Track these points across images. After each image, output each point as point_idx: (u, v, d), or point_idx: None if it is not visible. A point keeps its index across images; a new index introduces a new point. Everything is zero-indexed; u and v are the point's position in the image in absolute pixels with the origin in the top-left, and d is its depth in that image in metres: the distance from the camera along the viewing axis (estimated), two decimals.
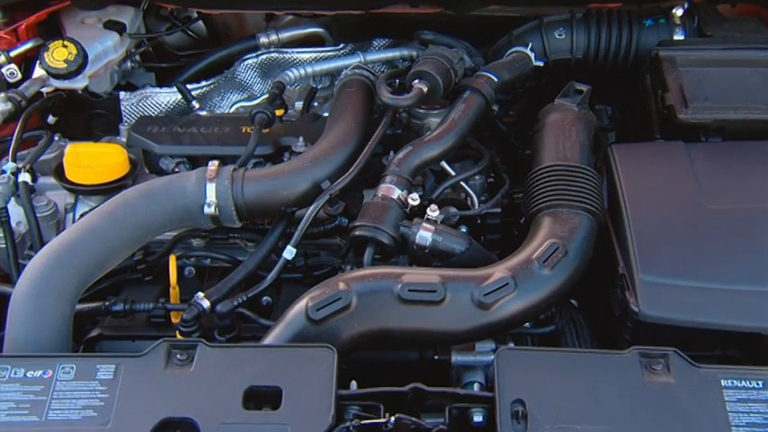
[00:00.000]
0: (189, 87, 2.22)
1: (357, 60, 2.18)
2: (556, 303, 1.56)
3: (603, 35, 2.09)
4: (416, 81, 1.87)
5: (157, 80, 2.42)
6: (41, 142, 1.95)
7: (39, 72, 2.01)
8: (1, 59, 2.01)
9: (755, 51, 1.90)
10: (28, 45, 2.09)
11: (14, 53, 2.04)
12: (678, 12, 2.07)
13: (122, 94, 2.22)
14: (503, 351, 1.31)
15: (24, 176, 1.83)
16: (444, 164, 1.85)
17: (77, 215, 1.88)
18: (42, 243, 1.70)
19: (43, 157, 1.94)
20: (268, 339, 1.43)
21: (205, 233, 1.86)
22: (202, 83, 2.28)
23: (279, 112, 2.02)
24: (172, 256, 1.76)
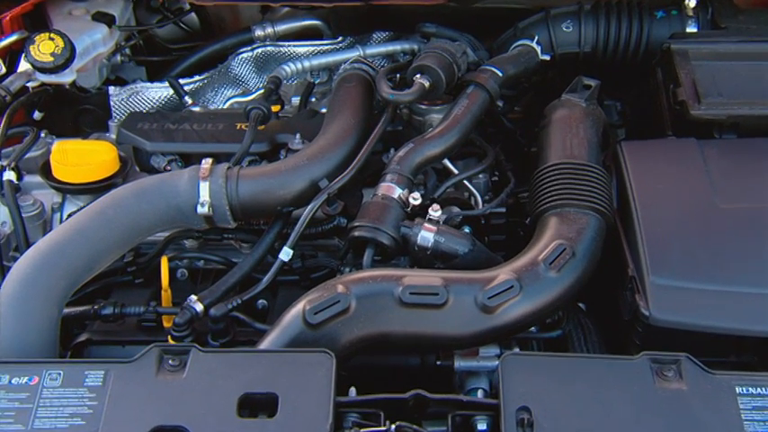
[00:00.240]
0: (181, 82, 2.22)
1: (356, 54, 2.18)
2: (563, 307, 1.57)
3: (613, 28, 2.09)
4: (418, 76, 1.87)
5: (148, 75, 2.42)
6: (27, 139, 1.95)
7: (24, 66, 2.02)
8: None
9: None
10: (13, 38, 2.09)
11: None
12: (691, 3, 2.07)
13: (112, 89, 2.22)
14: (508, 356, 1.31)
15: (9, 175, 1.83)
16: (447, 162, 1.85)
17: (65, 215, 1.89)
18: (28, 244, 1.70)
19: (29, 155, 1.94)
20: (264, 344, 1.44)
21: (198, 234, 1.86)
22: (195, 77, 2.28)
23: (275, 108, 2.02)
24: (164, 258, 1.76)
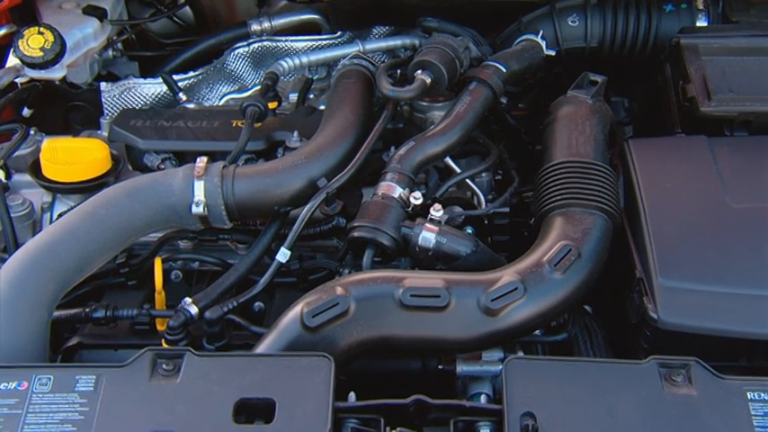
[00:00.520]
0: (175, 78, 2.23)
1: (356, 49, 2.19)
2: (568, 309, 1.57)
3: (620, 22, 2.09)
4: (419, 72, 1.87)
5: (141, 70, 2.42)
6: (16, 137, 1.95)
7: (12, 61, 2.02)
8: None
9: None
10: (1, 32, 2.09)
11: None
12: None
13: (103, 85, 2.22)
14: (511, 360, 1.31)
15: None
16: (449, 160, 1.85)
17: (55, 215, 1.88)
18: (17, 245, 1.71)
19: (18, 153, 1.94)
20: (260, 348, 1.44)
21: (193, 234, 1.86)
22: (190, 73, 2.28)
23: (272, 105, 2.02)
24: (157, 259, 1.76)
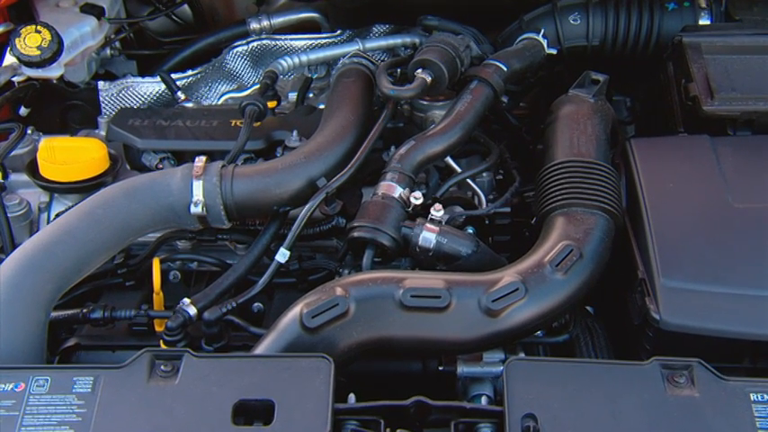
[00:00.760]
0: (174, 77, 2.23)
1: (355, 48, 2.18)
2: (570, 310, 1.57)
3: (622, 20, 2.09)
4: (419, 71, 1.87)
5: (139, 69, 2.43)
6: (13, 136, 1.95)
7: (9, 59, 2.02)
8: None
9: None
10: None
11: None
12: None
13: (101, 84, 2.23)
14: (512, 362, 1.31)
15: None
16: (449, 160, 1.86)
17: (52, 215, 1.89)
18: (14, 245, 1.71)
19: (15, 152, 1.94)
20: (259, 349, 1.44)
21: (191, 234, 1.86)
22: (188, 72, 2.28)
23: (271, 104, 2.02)
24: (155, 260, 1.76)
